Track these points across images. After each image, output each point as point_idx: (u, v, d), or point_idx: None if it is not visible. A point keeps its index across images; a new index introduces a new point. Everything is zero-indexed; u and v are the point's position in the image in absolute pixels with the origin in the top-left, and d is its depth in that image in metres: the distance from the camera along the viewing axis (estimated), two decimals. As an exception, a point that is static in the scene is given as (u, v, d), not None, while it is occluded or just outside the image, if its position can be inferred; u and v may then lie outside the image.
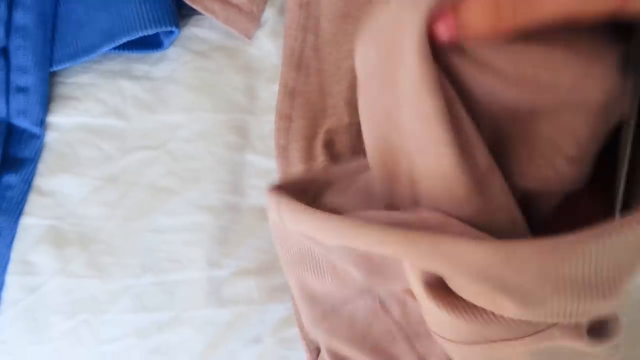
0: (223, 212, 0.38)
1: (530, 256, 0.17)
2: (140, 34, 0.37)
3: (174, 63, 0.41)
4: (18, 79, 0.37)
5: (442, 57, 0.19)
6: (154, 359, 0.37)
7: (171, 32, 0.39)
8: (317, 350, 0.35)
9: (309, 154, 0.38)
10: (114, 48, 0.39)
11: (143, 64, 0.41)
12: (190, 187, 0.39)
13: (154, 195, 0.38)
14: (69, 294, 0.37)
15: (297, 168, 0.37)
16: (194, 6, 0.40)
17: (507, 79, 0.19)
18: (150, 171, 0.39)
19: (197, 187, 0.39)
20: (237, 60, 0.41)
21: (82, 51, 0.38)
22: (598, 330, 0.21)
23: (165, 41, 0.40)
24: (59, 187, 0.38)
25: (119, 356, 0.37)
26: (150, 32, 0.37)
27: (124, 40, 0.37)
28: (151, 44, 0.40)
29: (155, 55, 0.41)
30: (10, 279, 0.37)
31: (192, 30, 0.41)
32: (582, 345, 0.20)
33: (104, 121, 0.39)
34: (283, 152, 0.38)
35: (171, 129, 0.40)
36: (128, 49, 0.40)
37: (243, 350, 0.38)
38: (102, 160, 0.38)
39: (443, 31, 0.17)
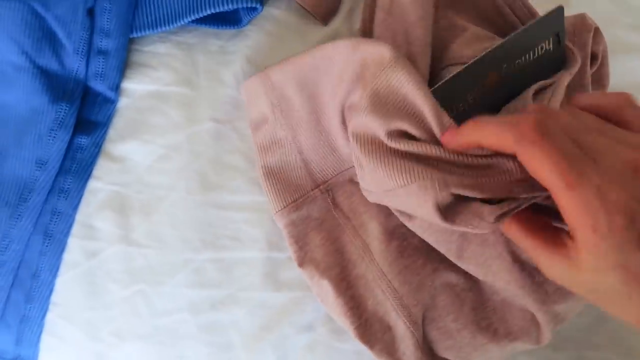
0: (287, 194, 0.38)
1: None
2: (225, 8, 0.37)
3: (248, 41, 0.40)
4: (100, 42, 0.37)
5: None
6: (206, 337, 0.36)
7: (253, 10, 0.39)
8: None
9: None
10: (193, 21, 0.39)
11: (218, 39, 0.40)
12: (255, 166, 0.38)
13: (219, 170, 0.38)
14: (128, 262, 0.37)
15: None
16: (276, -16, 0.39)
17: None
18: (216, 145, 0.38)
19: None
20: (308, 43, 0.41)
21: (163, 20, 0.38)
22: None
23: (245, 18, 0.40)
24: (127, 154, 0.38)
25: (171, 330, 0.36)
26: (235, 7, 0.37)
27: (208, 13, 0.37)
28: (229, 19, 0.40)
29: (231, 31, 0.41)
30: (72, 241, 0.37)
31: (270, 10, 0.41)
32: None
33: (175, 89, 0.39)
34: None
35: (241, 107, 0.39)
36: (206, 23, 0.40)
37: (295, 336, 0.37)
38: (169, 128, 0.38)
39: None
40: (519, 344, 0.35)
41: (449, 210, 0.28)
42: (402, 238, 0.36)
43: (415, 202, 0.29)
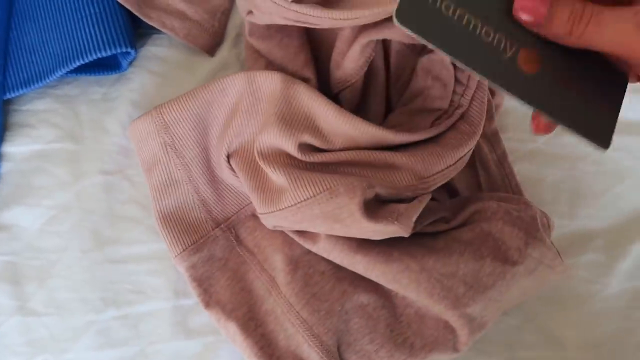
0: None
1: None
2: (95, 57, 0.36)
3: (132, 84, 0.39)
4: (-31, 109, 0.35)
5: None
6: (121, 398, 0.35)
7: (128, 53, 0.38)
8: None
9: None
10: (71, 72, 0.37)
11: (100, 86, 0.39)
12: (152, 213, 0.37)
13: (114, 223, 0.37)
14: (28, 333, 0.35)
15: None
16: (152, 24, 0.38)
17: None
18: (108, 198, 0.37)
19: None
20: (198, 77, 0.40)
21: (35, 77, 0.37)
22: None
23: (123, 62, 0.38)
24: (14, 220, 0.36)
25: (83, 396, 0.35)
26: (105, 54, 0.36)
27: (78, 63, 0.36)
28: (109, 65, 0.39)
29: (113, 76, 0.39)
30: (-35, 319, 0.35)
31: (151, 50, 0.40)
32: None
33: (58, 146, 0.37)
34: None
35: (131, 154, 0.38)
36: (85, 72, 0.38)
37: (214, 383, 0.36)
38: (56, 188, 0.37)
39: (527, 16, 0.23)
40: (436, 354, 0.34)
41: (369, 209, 0.30)
42: (307, 266, 0.35)
43: (333, 207, 0.30)
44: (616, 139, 0.44)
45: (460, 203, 0.36)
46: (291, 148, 0.32)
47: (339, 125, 0.33)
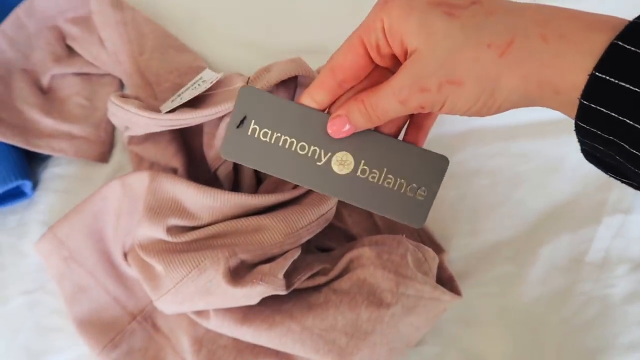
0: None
1: None
2: (-8, 194, 0.40)
3: (40, 205, 0.43)
4: None
5: None
6: None
7: (24, 183, 0.42)
8: None
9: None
10: (-15, 207, 0.42)
11: (15, 214, 0.44)
12: (75, 318, 0.41)
13: (42, 336, 0.41)
14: None
15: None
16: (42, 151, 0.43)
17: None
18: (32, 315, 0.41)
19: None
20: (98, 185, 0.43)
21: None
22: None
23: (26, 190, 0.43)
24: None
25: None
26: (0, 190, 0.40)
27: (-21, 201, 0.41)
28: (18, 194, 0.43)
29: (24, 202, 0.44)
30: None
31: (53, 171, 0.44)
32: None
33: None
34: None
35: (46, 269, 0.42)
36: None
37: None
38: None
39: (335, 130, 0.27)
40: None
41: (237, 276, 0.33)
42: (210, 342, 0.38)
43: (204, 282, 0.33)
44: (506, 145, 0.46)
45: (340, 252, 0.38)
46: (161, 233, 0.35)
47: (201, 201, 0.35)
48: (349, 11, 0.48)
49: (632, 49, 0.19)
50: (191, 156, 0.42)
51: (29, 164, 0.44)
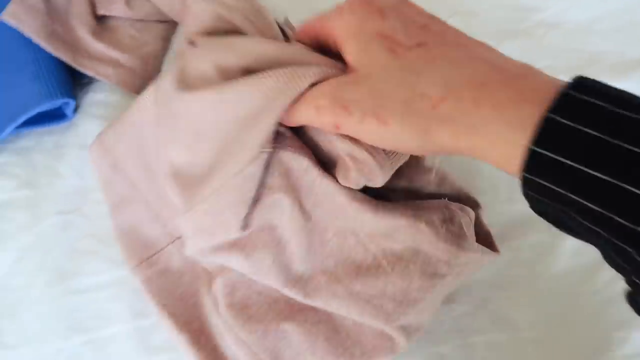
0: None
1: None
2: (37, 110, 0.40)
3: (79, 129, 0.43)
4: None
5: None
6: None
7: (68, 103, 0.41)
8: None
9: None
10: (24, 126, 0.41)
11: (52, 135, 0.43)
12: (108, 244, 0.40)
13: (74, 258, 0.40)
14: (5, 365, 0.39)
15: None
16: (86, 72, 0.42)
17: None
18: (66, 236, 0.41)
19: (114, 244, 0.40)
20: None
21: (-12, 136, 0.41)
22: None
23: (67, 112, 0.42)
24: (-17, 265, 0.41)
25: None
26: (46, 107, 0.40)
27: (23, 118, 0.40)
28: (57, 116, 0.43)
29: (64, 125, 0.43)
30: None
31: (94, 96, 0.44)
32: None
33: (18, 194, 0.41)
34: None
35: (84, 193, 0.42)
36: (37, 124, 0.42)
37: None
38: (18, 232, 0.41)
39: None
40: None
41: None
42: (245, 287, 0.37)
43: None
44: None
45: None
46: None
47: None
48: None
49: (565, 122, 0.19)
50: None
51: (72, 86, 0.43)
